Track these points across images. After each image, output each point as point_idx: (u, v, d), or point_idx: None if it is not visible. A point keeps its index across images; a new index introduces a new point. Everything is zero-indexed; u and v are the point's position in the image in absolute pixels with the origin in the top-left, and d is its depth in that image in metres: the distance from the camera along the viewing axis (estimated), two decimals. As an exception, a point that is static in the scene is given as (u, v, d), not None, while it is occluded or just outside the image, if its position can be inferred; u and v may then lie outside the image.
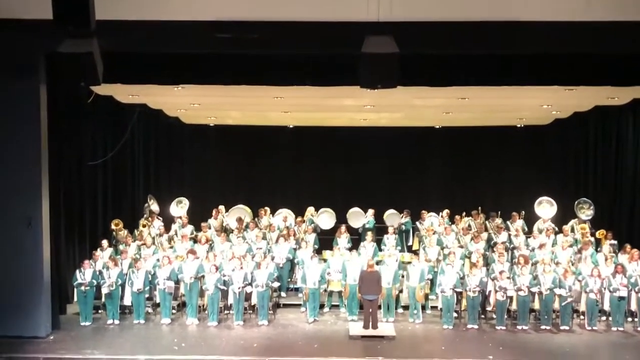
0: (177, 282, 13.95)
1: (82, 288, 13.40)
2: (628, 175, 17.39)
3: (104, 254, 14.68)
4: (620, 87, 12.72)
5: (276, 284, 14.21)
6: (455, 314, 13.68)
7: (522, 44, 11.01)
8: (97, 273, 13.65)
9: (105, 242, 15.21)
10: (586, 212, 17.06)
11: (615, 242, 15.78)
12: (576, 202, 17.27)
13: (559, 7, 10.36)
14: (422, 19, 10.52)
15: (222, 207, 17.90)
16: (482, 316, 13.86)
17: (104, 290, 13.58)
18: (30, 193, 12.17)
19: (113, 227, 16.20)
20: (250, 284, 13.66)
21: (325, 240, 16.97)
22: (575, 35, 10.79)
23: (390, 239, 16.35)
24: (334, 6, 10.31)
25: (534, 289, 13.44)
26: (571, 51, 11.35)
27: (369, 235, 16.08)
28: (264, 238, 16.06)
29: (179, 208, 17.79)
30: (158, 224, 17.05)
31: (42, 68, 12.03)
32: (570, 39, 10.88)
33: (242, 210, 17.90)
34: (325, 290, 14.54)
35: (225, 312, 14.01)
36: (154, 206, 17.50)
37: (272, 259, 14.93)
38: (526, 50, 11.32)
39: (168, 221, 17.55)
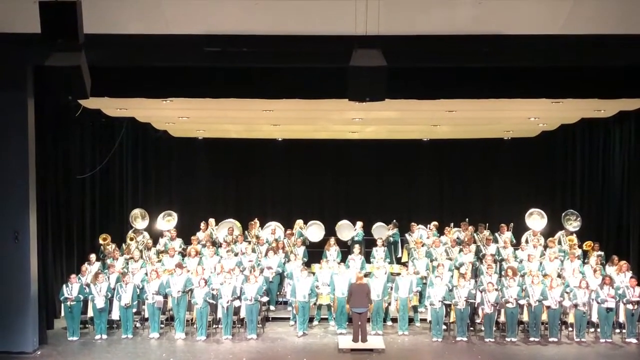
0: (166, 296, 13.89)
1: (68, 303, 13.31)
2: (615, 187, 17.50)
3: (92, 269, 14.60)
4: (606, 99, 12.84)
5: (265, 299, 14.16)
6: (444, 327, 13.69)
7: (509, 57, 11.11)
8: (85, 287, 13.57)
9: (93, 256, 15.11)
10: (573, 224, 17.15)
11: (602, 253, 15.85)
12: (563, 214, 17.37)
13: (545, 21, 10.45)
14: (410, 33, 10.59)
15: (212, 220, 17.88)
16: (471, 328, 13.87)
17: (98, 304, 13.49)
18: (17, 206, 12.10)
19: (101, 241, 16.11)
20: (239, 297, 13.61)
21: (315, 253, 16.98)
22: (561, 48, 10.90)
23: (379, 252, 16.34)
24: (322, 20, 10.35)
25: (522, 301, 13.48)
26: (558, 64, 11.47)
27: (357, 248, 16.07)
28: (254, 251, 16.02)
29: (167, 222, 17.70)
30: (145, 237, 16.97)
31: (30, 81, 12.01)
32: (556, 52, 10.98)
33: (231, 224, 17.86)
34: (314, 304, 14.51)
35: (214, 326, 13.95)
36: (140, 223, 17.35)
37: (262, 272, 14.87)
38: (513, 64, 11.42)
39: (157, 235, 17.45)
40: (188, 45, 10.98)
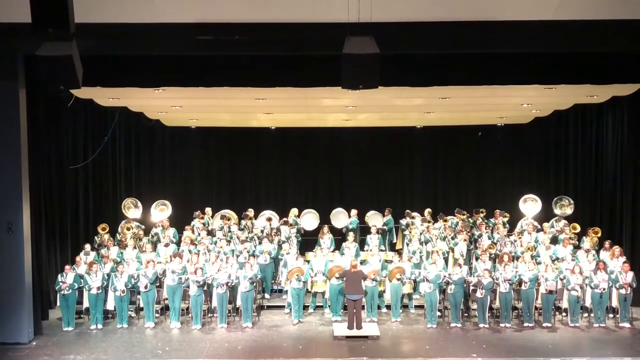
0: (160, 285, 13.88)
1: (63, 292, 13.26)
2: (608, 172, 17.57)
3: (87, 258, 14.58)
4: (599, 85, 12.85)
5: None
6: (438, 313, 13.73)
7: (501, 44, 11.10)
8: (79, 277, 13.54)
9: (88, 246, 15.11)
10: (566, 210, 17.23)
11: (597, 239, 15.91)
12: (555, 200, 17.46)
13: (538, 6, 10.42)
14: (402, 20, 10.55)
15: (208, 209, 17.88)
16: (466, 314, 13.92)
17: (93, 291, 13.46)
18: (10, 197, 12.07)
19: (100, 231, 16.10)
20: (232, 287, 13.59)
21: (310, 242, 16.98)
22: (554, 34, 10.87)
23: (373, 239, 16.41)
24: (314, 7, 10.30)
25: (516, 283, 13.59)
26: (550, 50, 11.46)
27: (351, 236, 16.11)
28: (249, 239, 16.03)
29: (160, 211, 17.68)
30: (137, 227, 16.94)
31: (21, 71, 11.96)
32: (549, 37, 10.95)
33: (227, 214, 17.85)
34: (309, 291, 14.55)
35: (209, 315, 13.97)
36: (133, 211, 17.32)
37: (256, 258, 14.87)
38: (506, 50, 11.40)
39: (150, 224, 17.43)
40: (180, 34, 10.91)
